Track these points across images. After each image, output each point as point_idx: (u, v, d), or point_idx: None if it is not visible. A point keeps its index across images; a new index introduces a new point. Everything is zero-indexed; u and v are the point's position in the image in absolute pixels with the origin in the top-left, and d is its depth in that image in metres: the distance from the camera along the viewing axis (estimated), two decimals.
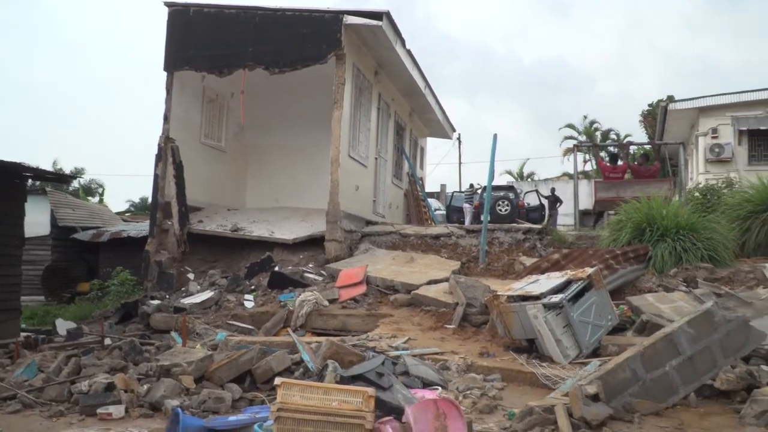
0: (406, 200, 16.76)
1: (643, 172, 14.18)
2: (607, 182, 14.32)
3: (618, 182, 13.97)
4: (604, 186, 14.28)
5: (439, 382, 5.54)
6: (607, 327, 6.54)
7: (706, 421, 4.51)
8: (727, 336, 5.18)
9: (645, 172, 14.16)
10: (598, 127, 38.29)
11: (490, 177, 11.06)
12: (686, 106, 18.62)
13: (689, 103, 18.54)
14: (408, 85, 14.68)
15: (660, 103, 20.92)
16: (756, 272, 8.44)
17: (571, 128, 38.78)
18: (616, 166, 14.74)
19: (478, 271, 10.15)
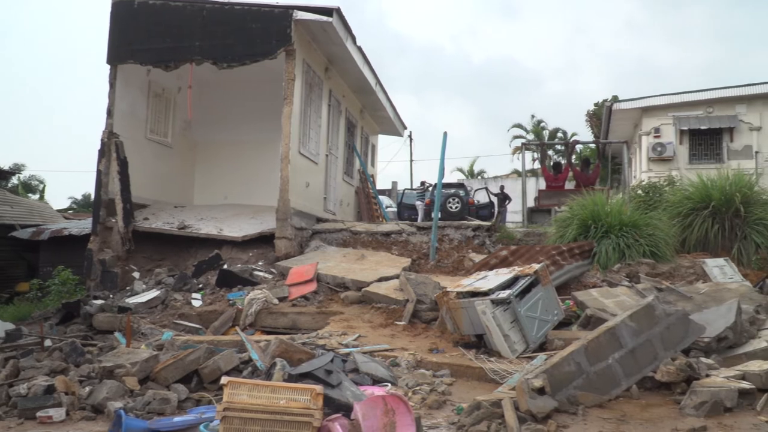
0: (357, 197, 16.74)
1: (584, 179, 14.54)
2: (550, 191, 14.65)
3: (559, 191, 14.30)
4: (546, 194, 14.60)
5: (389, 378, 5.55)
6: (554, 322, 6.68)
7: (647, 412, 4.65)
8: (668, 329, 5.36)
9: (585, 179, 14.53)
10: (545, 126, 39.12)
11: (440, 174, 11.15)
12: (630, 106, 19.18)
13: (632, 103, 19.10)
14: (359, 82, 14.66)
15: (605, 103, 21.47)
16: (696, 267, 8.75)
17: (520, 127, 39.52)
18: (558, 175, 15.06)
19: (428, 268, 10.22)
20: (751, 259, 9.02)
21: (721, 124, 17.61)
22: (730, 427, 4.21)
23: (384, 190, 26.20)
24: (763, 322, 6.35)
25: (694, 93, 18.18)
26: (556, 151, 33.34)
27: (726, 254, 9.08)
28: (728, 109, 17.74)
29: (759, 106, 17.50)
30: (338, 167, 14.68)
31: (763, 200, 9.79)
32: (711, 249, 9.30)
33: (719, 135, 17.76)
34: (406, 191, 22.00)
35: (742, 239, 9.19)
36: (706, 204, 9.48)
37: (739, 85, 17.91)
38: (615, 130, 20.62)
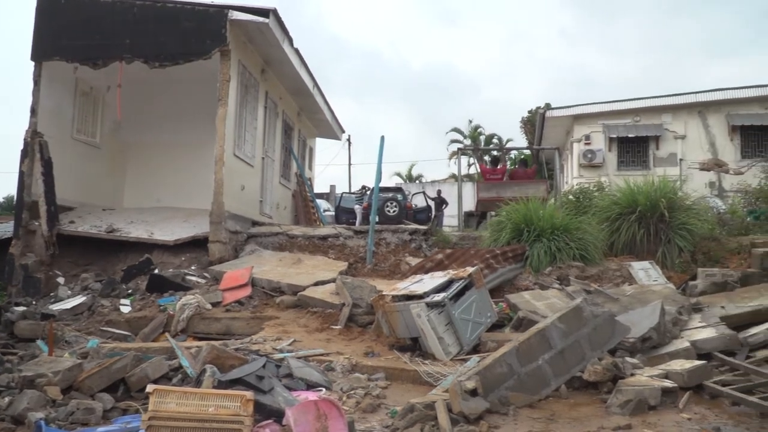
0: (294, 201, 16.57)
1: (521, 174, 14.88)
2: (488, 183, 14.88)
3: (498, 183, 14.56)
4: (485, 186, 14.80)
5: (324, 383, 5.50)
6: (487, 324, 6.78)
7: (575, 411, 4.77)
8: (595, 330, 5.51)
9: (522, 174, 14.86)
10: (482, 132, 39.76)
11: (377, 178, 11.17)
12: (562, 114, 19.71)
13: (565, 111, 19.64)
14: (296, 84, 14.53)
15: (538, 110, 22.03)
16: (623, 270, 9.06)
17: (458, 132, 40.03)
18: (496, 168, 15.36)
19: (365, 272, 10.20)
20: (675, 262, 9.39)
21: (647, 132, 18.31)
22: (654, 424, 4.35)
23: (322, 193, 26.03)
24: (686, 323, 6.62)
25: (622, 102, 18.84)
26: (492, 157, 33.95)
27: (651, 257, 9.42)
28: (654, 118, 18.47)
29: (683, 115, 18.29)
30: (275, 170, 14.50)
31: (686, 206, 10.21)
32: (637, 252, 9.63)
33: (646, 143, 18.45)
34: (345, 195, 21.91)
35: (667, 243, 9.55)
36: (633, 209, 9.81)
37: (664, 95, 18.68)
38: (548, 137, 21.15)
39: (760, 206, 12.59)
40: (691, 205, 10.33)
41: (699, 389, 5.06)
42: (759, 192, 13.01)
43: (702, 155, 17.03)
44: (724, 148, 17.69)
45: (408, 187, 27.53)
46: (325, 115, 17.64)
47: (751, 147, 17.45)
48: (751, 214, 12.06)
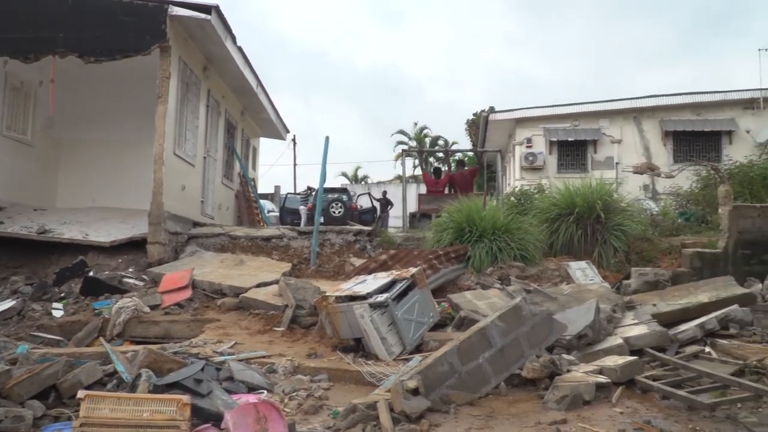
0: (237, 201, 16.33)
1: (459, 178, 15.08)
2: (429, 195, 15.04)
3: (439, 195, 14.72)
4: (426, 199, 14.98)
5: (265, 385, 5.44)
6: (429, 324, 6.84)
7: (514, 407, 4.86)
8: (533, 328, 5.63)
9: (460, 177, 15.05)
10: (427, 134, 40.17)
11: (321, 179, 11.11)
12: (504, 117, 20.11)
13: (507, 114, 20.04)
14: (239, 82, 14.33)
15: (482, 113, 22.39)
16: (561, 270, 9.29)
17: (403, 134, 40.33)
18: (439, 180, 15.51)
19: (309, 273, 10.14)
20: (610, 262, 9.70)
21: (586, 136, 18.87)
22: (588, 419, 4.48)
23: (267, 194, 25.79)
24: (620, 321, 6.84)
25: (562, 107, 19.37)
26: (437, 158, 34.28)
27: (588, 257, 9.71)
28: (593, 122, 19.05)
29: (620, 120, 18.93)
30: (217, 170, 14.25)
31: (621, 208, 10.57)
32: (575, 252, 9.89)
33: (584, 146, 19.01)
34: (290, 195, 21.81)
35: (603, 243, 9.86)
36: (571, 210, 10.08)
37: (602, 100, 19.30)
38: (492, 139, 21.53)
39: (690, 208, 13.17)
40: (625, 207, 10.70)
41: (631, 384, 5.23)
42: (689, 195, 13.60)
43: (637, 159, 17.63)
44: (658, 153, 18.41)
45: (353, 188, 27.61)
46: (270, 114, 17.46)
47: (683, 151, 18.21)
48: (681, 216, 12.59)
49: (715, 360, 5.92)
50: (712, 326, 6.74)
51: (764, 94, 18.01)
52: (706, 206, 12.03)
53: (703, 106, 18.50)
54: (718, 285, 7.68)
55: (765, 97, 17.97)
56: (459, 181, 15.01)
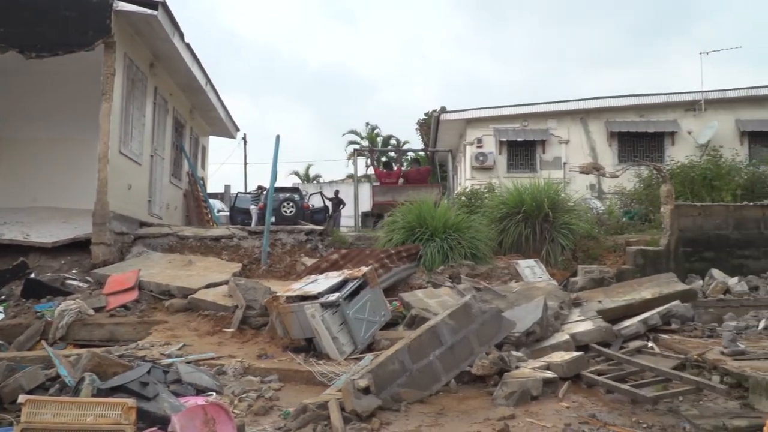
0: (186, 201, 16.02)
1: (414, 174, 15.18)
2: (384, 187, 15.05)
3: (393, 186, 14.76)
4: (380, 190, 14.97)
5: (215, 387, 5.36)
6: (381, 322, 6.85)
7: (464, 404, 4.91)
8: (483, 326, 5.70)
9: (416, 174, 15.16)
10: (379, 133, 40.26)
11: (272, 178, 11.00)
12: (455, 117, 20.30)
13: (458, 115, 20.24)
14: (188, 80, 14.05)
15: (434, 113, 22.57)
16: (510, 268, 9.44)
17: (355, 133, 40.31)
18: (391, 171, 15.57)
19: (260, 273, 10.03)
20: (558, 260, 9.91)
21: (534, 137, 19.22)
22: (536, 414, 4.56)
23: (216, 193, 25.39)
24: (566, 317, 7.00)
25: (511, 107, 19.67)
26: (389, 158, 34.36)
27: (536, 256, 9.89)
28: (541, 123, 19.42)
29: (567, 121, 19.35)
30: (165, 169, 13.94)
31: (569, 207, 10.80)
32: (524, 251, 10.07)
33: (533, 147, 19.36)
34: (240, 195, 21.50)
35: (551, 242, 10.06)
36: (520, 209, 10.25)
37: (550, 101, 19.69)
38: (443, 139, 21.71)
39: (634, 207, 13.56)
40: (572, 207, 10.94)
41: (577, 379, 5.35)
42: (633, 194, 14.01)
43: (584, 159, 18.01)
44: (604, 153, 18.88)
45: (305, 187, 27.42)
46: (219, 112, 17.18)
47: (627, 152, 18.74)
48: (626, 215, 12.96)
49: (657, 354, 6.12)
50: (654, 322, 6.97)
51: (705, 97, 18.70)
52: (650, 205, 12.41)
53: (646, 108, 19.08)
54: (660, 282, 7.94)
55: (706, 100, 18.67)
56: (414, 176, 15.10)
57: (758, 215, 9.58)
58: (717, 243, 9.48)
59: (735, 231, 9.52)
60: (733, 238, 9.50)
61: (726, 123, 18.50)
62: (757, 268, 9.27)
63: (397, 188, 14.41)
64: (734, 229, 9.54)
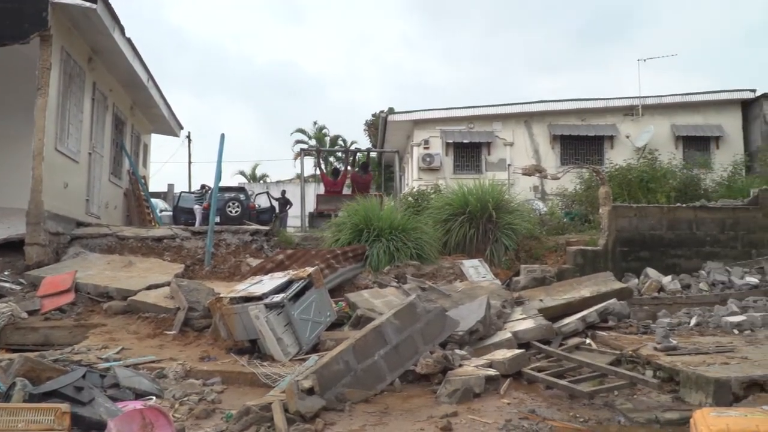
0: (126, 200, 15.58)
1: (359, 179, 15.21)
2: (328, 195, 15.04)
3: (336, 196, 14.76)
4: (324, 199, 14.96)
5: (155, 391, 5.24)
6: (326, 323, 6.84)
7: (408, 403, 4.95)
8: (427, 325, 5.76)
9: (361, 179, 15.19)
10: (327, 133, 40.07)
11: (217, 178, 10.81)
12: (403, 118, 20.45)
13: (406, 116, 20.40)
14: (129, 76, 13.67)
15: (381, 114, 22.65)
16: (455, 268, 9.55)
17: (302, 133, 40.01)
18: (336, 180, 15.54)
19: (203, 274, 9.86)
20: (501, 260, 10.07)
21: (480, 138, 19.54)
22: (478, 411, 4.64)
23: (159, 192, 24.84)
24: (509, 316, 7.14)
25: (458, 109, 19.95)
26: (337, 158, 34.29)
27: (481, 255, 10.04)
28: (487, 125, 19.75)
29: (512, 124, 19.75)
30: (104, 167, 13.52)
31: (512, 208, 11.00)
32: (468, 251, 10.20)
33: (479, 148, 19.67)
34: (184, 194, 21.07)
35: (494, 242, 10.22)
36: (464, 210, 10.38)
37: (495, 104, 20.06)
38: (391, 140, 21.82)
39: (574, 208, 13.94)
40: (516, 207, 11.14)
41: (519, 376, 5.48)
42: (574, 195, 14.39)
43: (528, 161, 18.41)
44: (547, 155, 19.36)
45: (252, 187, 27.11)
46: (162, 109, 16.78)
47: (569, 154, 19.26)
48: (567, 216, 13.30)
49: (594, 351, 6.31)
50: (592, 319, 7.18)
51: (642, 102, 19.40)
52: (589, 206, 12.76)
53: (587, 112, 19.65)
54: (598, 280, 8.18)
55: (643, 105, 19.37)
56: (359, 181, 15.12)
57: (690, 216, 9.97)
58: (652, 243, 9.83)
59: (669, 231, 9.89)
60: (667, 238, 9.87)
61: (662, 127, 19.25)
62: (689, 267, 9.65)
63: (339, 197, 14.39)
64: (668, 229, 9.90)
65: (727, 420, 2.98)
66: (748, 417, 3.01)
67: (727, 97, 19.57)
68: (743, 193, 11.30)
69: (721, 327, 7.10)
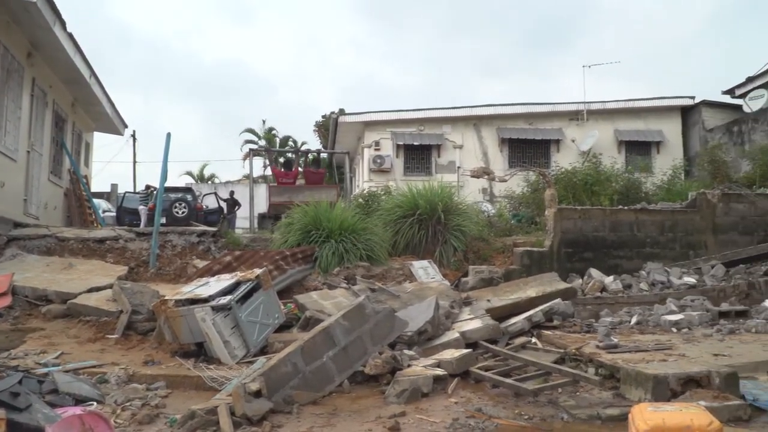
0: (67, 200, 15.08)
1: (312, 174, 15.17)
2: (281, 187, 14.90)
3: (290, 187, 14.65)
4: (277, 190, 14.81)
5: (96, 396, 5.09)
6: (275, 325, 6.78)
7: (356, 404, 4.95)
8: (376, 326, 5.77)
9: (314, 174, 15.15)
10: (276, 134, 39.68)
11: (162, 178, 10.57)
12: (354, 120, 20.43)
13: (356, 117, 20.38)
14: (70, 72, 13.24)
15: (332, 114, 22.59)
16: (404, 269, 9.60)
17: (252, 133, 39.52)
18: (289, 172, 15.45)
19: (148, 276, 9.63)
20: (450, 261, 10.17)
21: (430, 141, 19.68)
22: (426, 410, 4.67)
23: (102, 192, 24.15)
24: (457, 316, 7.22)
25: (408, 111, 20.05)
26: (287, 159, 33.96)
27: (430, 256, 10.12)
28: (437, 128, 19.92)
29: (461, 126, 19.97)
30: (43, 166, 13.06)
31: (461, 209, 11.11)
32: (418, 252, 10.27)
33: (429, 150, 19.82)
34: (128, 194, 20.54)
35: (444, 243, 10.31)
36: (414, 212, 10.45)
37: (445, 107, 20.23)
38: (341, 141, 21.76)
39: (522, 210, 14.19)
40: (465, 209, 11.26)
41: (466, 375, 5.54)
42: (521, 198, 14.66)
43: (477, 164, 18.61)
44: (495, 158, 19.66)
45: (199, 187, 26.62)
46: (105, 107, 16.32)
47: (517, 157, 19.59)
48: (514, 218, 13.53)
49: (540, 349, 6.44)
50: (538, 319, 7.33)
51: (587, 107, 19.91)
52: (536, 208, 13.02)
53: (534, 116, 20.05)
54: (544, 281, 8.35)
55: (588, 110, 19.88)
56: (311, 176, 15.07)
57: (632, 218, 10.27)
58: (595, 244, 10.09)
59: (611, 233, 10.17)
60: (610, 239, 10.15)
61: (606, 132, 19.81)
62: (630, 267, 9.94)
63: (294, 189, 14.30)
64: (610, 231, 10.18)
65: (663, 415, 3.08)
66: (683, 412, 3.12)
67: (667, 103, 20.27)
68: (682, 197, 11.69)
69: (661, 325, 7.36)
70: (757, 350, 5.79)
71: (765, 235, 10.42)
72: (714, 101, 19.91)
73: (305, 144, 37.10)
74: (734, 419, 4.24)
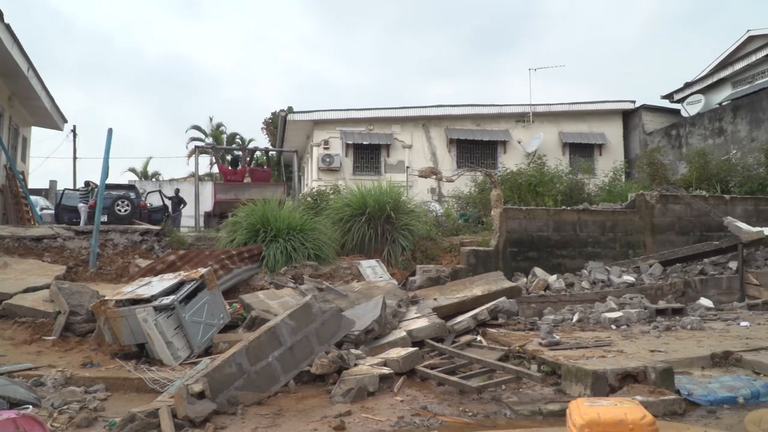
0: (2, 197, 14.52)
1: (259, 173, 15.03)
2: (227, 184, 14.70)
3: (237, 185, 14.48)
4: (223, 188, 14.61)
5: (31, 400, 4.91)
6: (219, 325, 6.68)
7: (302, 404, 4.92)
8: (323, 325, 5.76)
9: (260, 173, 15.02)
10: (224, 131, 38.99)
11: (103, 174, 10.27)
12: (302, 118, 20.30)
13: (305, 116, 20.25)
14: (6, 64, 12.76)
15: (280, 112, 22.35)
16: (353, 268, 9.60)
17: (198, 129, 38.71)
18: (236, 170, 15.25)
19: (88, 276, 9.35)
20: (398, 260, 10.23)
21: (380, 140, 19.74)
22: (372, 409, 4.68)
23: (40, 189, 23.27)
24: (404, 314, 7.26)
25: (358, 111, 20.06)
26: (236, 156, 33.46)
27: (378, 256, 10.15)
28: (386, 127, 19.99)
29: (410, 127, 20.10)
30: None
31: (410, 209, 11.20)
32: (366, 251, 10.29)
33: (378, 150, 19.88)
34: (67, 191, 19.82)
35: (392, 243, 10.36)
36: (363, 211, 10.46)
37: (394, 107, 20.32)
38: (290, 140, 21.60)
39: (469, 210, 14.38)
40: (413, 209, 11.35)
41: (412, 373, 5.58)
42: (469, 198, 14.85)
43: (426, 164, 18.81)
44: (444, 158, 19.87)
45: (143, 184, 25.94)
46: (44, 101, 15.77)
47: (465, 158, 19.85)
48: (462, 217, 13.70)
49: (485, 347, 6.54)
50: (483, 317, 7.44)
51: (533, 110, 20.33)
52: (483, 208, 13.21)
53: (482, 117, 20.35)
54: (489, 280, 8.48)
55: (534, 112, 20.30)
56: (258, 175, 14.92)
57: (574, 219, 10.55)
58: (540, 243, 10.31)
59: (555, 233, 10.42)
60: (553, 239, 10.39)
61: (551, 134, 20.28)
62: (573, 266, 10.21)
63: (240, 186, 14.12)
64: (554, 231, 10.42)
65: (598, 409, 3.17)
66: (617, 406, 3.21)
67: (609, 107, 20.90)
68: (622, 198, 12.07)
69: (601, 323, 7.58)
70: (692, 346, 6.02)
71: (700, 235, 10.87)
72: (654, 105, 20.65)
73: (253, 141, 36.64)
74: (669, 413, 4.40)
